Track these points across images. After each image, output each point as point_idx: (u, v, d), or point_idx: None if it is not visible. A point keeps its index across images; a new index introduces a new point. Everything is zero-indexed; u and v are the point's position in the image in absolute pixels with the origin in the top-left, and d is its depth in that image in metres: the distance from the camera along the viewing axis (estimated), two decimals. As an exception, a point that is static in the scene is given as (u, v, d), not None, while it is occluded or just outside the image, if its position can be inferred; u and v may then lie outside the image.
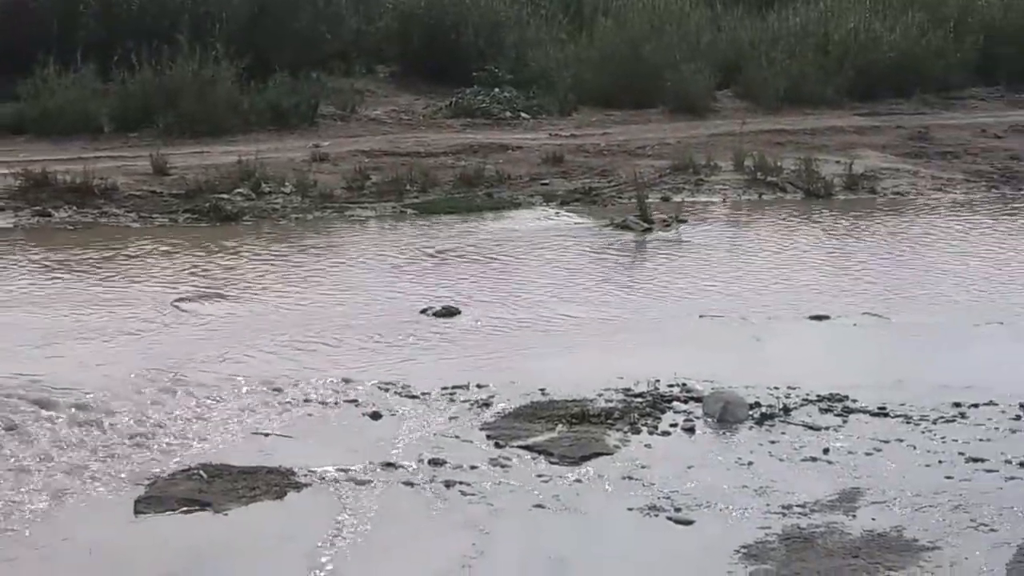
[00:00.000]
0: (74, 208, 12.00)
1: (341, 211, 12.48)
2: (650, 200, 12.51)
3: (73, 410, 6.80)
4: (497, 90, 17.58)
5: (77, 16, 16.89)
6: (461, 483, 6.11)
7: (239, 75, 15.45)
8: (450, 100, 17.39)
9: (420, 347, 8.25)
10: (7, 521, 5.52)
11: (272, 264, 10.39)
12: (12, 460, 6.14)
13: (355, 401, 7.18)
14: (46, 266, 10.08)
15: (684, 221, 12.11)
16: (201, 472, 6.08)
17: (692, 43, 18.49)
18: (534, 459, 6.45)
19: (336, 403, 7.17)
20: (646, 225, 11.87)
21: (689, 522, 5.81)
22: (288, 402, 7.13)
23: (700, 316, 9.10)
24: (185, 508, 5.74)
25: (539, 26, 19.55)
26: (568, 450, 6.56)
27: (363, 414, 7.01)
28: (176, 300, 9.13)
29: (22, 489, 5.83)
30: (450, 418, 6.96)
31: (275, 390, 7.28)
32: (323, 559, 5.32)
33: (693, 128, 16.54)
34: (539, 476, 6.25)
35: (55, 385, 7.16)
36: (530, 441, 6.65)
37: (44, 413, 6.75)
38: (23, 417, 6.67)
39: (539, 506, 5.93)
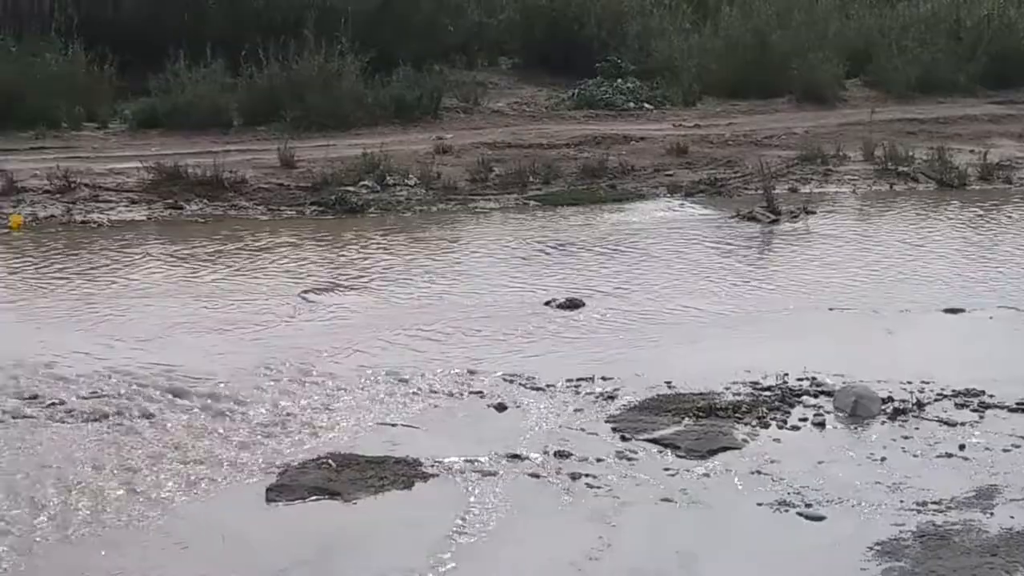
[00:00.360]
0: (205, 201, 12.22)
1: (464, 203, 12.53)
2: (777, 191, 12.35)
3: (206, 399, 6.92)
4: (620, 80, 17.50)
5: (206, 12, 17.24)
6: (587, 475, 6.07)
7: (364, 69, 15.61)
8: (573, 91, 17.36)
9: (544, 339, 8.23)
10: (143, 508, 5.63)
11: (397, 256, 10.46)
12: (148, 448, 6.26)
13: (480, 392, 7.19)
14: (179, 258, 10.28)
15: (812, 212, 11.92)
16: (330, 461, 6.14)
17: (820, 31, 18.21)
18: (660, 452, 6.39)
19: (461, 394, 7.18)
20: (773, 216, 11.71)
21: (820, 518, 5.70)
22: (414, 393, 7.16)
23: (830, 309, 8.94)
24: (315, 496, 5.80)
25: (663, 16, 19.43)
26: (695, 444, 6.48)
27: (488, 405, 7.02)
28: (303, 291, 9.25)
29: (157, 477, 5.94)
30: (575, 410, 6.93)
31: (401, 381, 7.32)
32: (451, 549, 5.33)
33: (821, 117, 16.28)
34: (666, 470, 6.18)
35: (188, 375, 7.29)
36: (656, 434, 6.59)
37: (178, 402, 6.88)
38: (158, 406, 6.81)
39: (666, 500, 5.87)
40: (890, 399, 7.02)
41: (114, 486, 5.81)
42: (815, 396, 7.13)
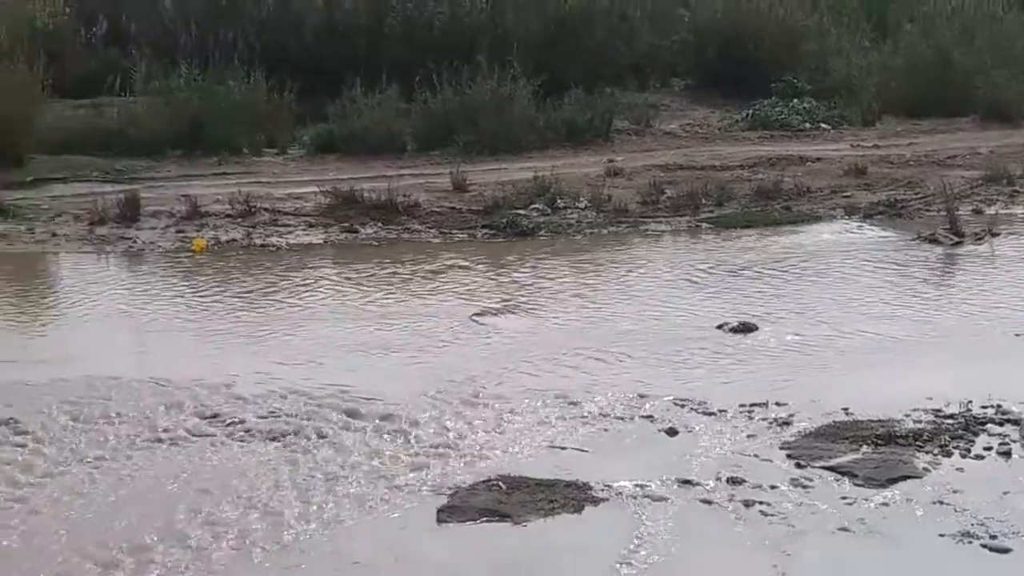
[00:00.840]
0: (379, 224, 12.41)
1: (635, 225, 12.46)
2: (960, 212, 11.94)
3: (378, 420, 7.00)
4: (796, 100, 17.23)
5: (382, 39, 17.59)
6: (761, 503, 5.94)
7: (535, 92, 15.69)
8: (746, 112, 17.16)
9: (716, 363, 8.10)
10: (318, 527, 5.71)
11: (568, 278, 10.45)
12: (323, 468, 6.36)
13: (651, 417, 7.11)
14: (354, 281, 10.46)
15: (997, 234, 11.50)
16: (500, 483, 6.14)
17: (1005, 48, 17.61)
18: (837, 480, 6.21)
19: (632, 418, 7.11)
20: (956, 238, 11.33)
21: (1006, 550, 5.47)
22: (584, 416, 7.12)
23: (1016, 334, 8.60)
24: (485, 518, 5.81)
25: (840, 34, 19.06)
26: (874, 472, 6.28)
27: (659, 430, 6.93)
28: (475, 314, 9.30)
29: (332, 496, 6.02)
30: (748, 436, 6.79)
31: (571, 404, 7.29)
32: (623, 574, 5.26)
33: (1007, 137, 15.73)
34: (843, 498, 6.01)
35: (362, 395, 7.39)
36: (833, 462, 6.41)
37: (352, 422, 6.97)
38: (332, 426, 6.91)
39: (844, 529, 5.70)
40: (1082, 429, 6.71)
41: (291, 505, 5.91)
42: (1000, 424, 6.85)
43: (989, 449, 6.56)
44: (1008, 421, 6.88)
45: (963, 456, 6.48)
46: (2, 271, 11.08)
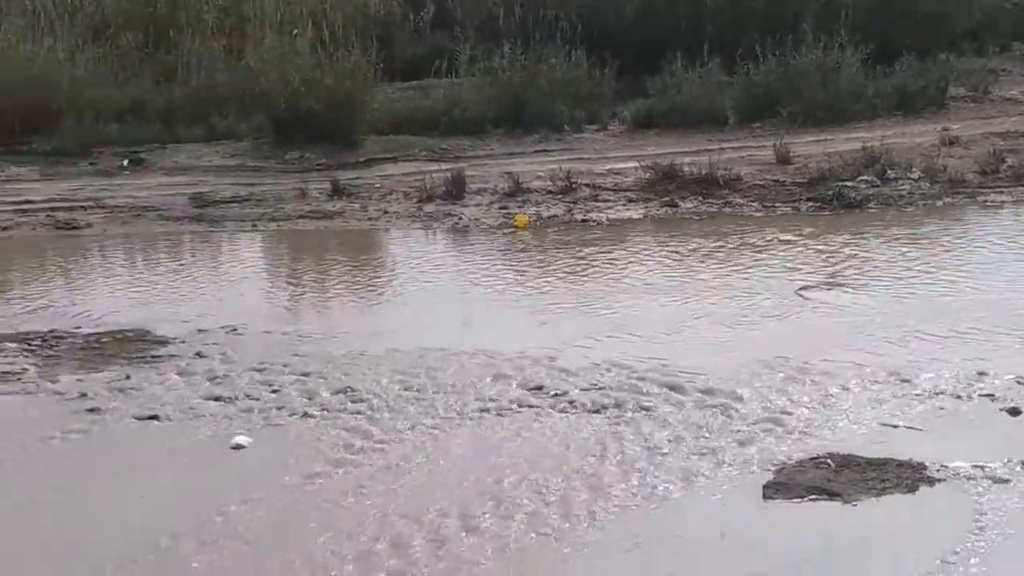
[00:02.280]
0: (699, 199, 12.28)
1: (973, 196, 11.85)
2: None
3: (701, 394, 6.90)
4: None
5: (703, 13, 17.41)
6: (1116, 489, 5.51)
7: (863, 61, 15.17)
8: (1095, 75, 16.04)
9: (1064, 340, 7.59)
10: (641, 499, 5.68)
11: (898, 252, 10.03)
12: (645, 441, 6.32)
13: (991, 395, 6.72)
14: (674, 255, 10.38)
15: None
16: (828, 461, 5.94)
17: None
18: None
19: (969, 396, 6.74)
20: None
21: None
22: (917, 394, 6.80)
23: None
24: (813, 496, 5.62)
25: None
26: None
27: (1000, 409, 6.54)
28: (800, 288, 9.05)
29: (655, 469, 5.97)
30: (1103, 417, 6.32)
31: (903, 381, 6.98)
32: (961, 558, 4.98)
33: None
34: None
35: (683, 370, 7.31)
36: None
37: (674, 396, 6.90)
38: (654, 400, 6.86)
39: None
40: None
41: (613, 476, 5.90)
42: None
43: None
44: None
45: None
46: (338, 247, 11.61)
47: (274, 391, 7.25)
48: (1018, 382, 6.85)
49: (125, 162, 14.86)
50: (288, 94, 15.08)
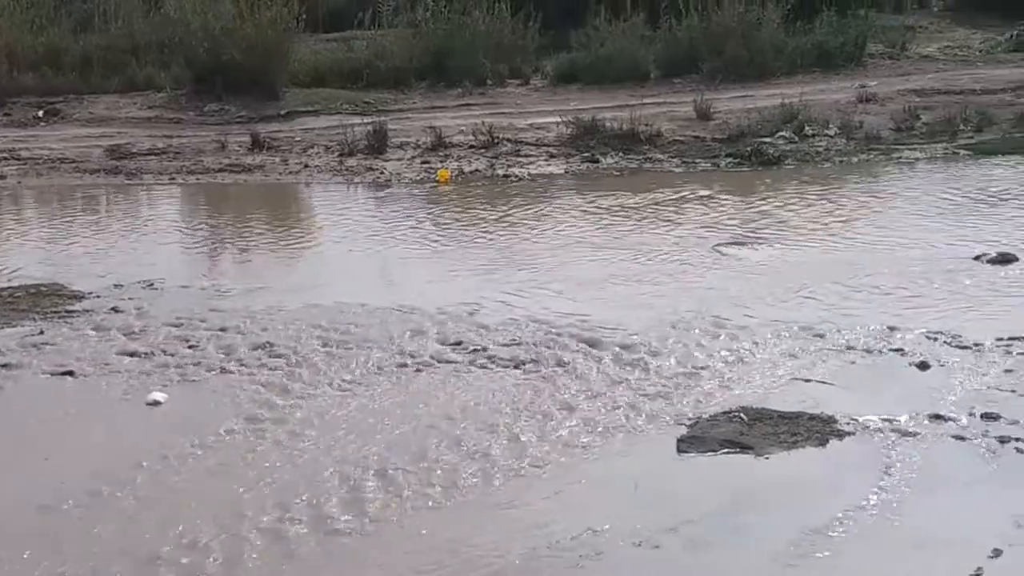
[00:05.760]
0: (620, 154, 12.35)
1: (887, 153, 12.02)
2: None
3: (619, 349, 6.96)
4: (1067, 18, 16.26)
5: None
6: (1017, 440, 5.65)
7: (785, 17, 15.26)
8: (1011, 33, 16.27)
9: (972, 295, 7.75)
10: (558, 454, 5.73)
11: (814, 208, 10.17)
12: (562, 395, 6.37)
13: (901, 350, 6.85)
14: (594, 211, 10.44)
15: None
16: (742, 415, 6.03)
17: None
18: (1104, 419, 5.85)
19: (880, 351, 6.87)
20: None
21: None
22: (830, 349, 6.92)
23: None
24: (726, 449, 5.72)
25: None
26: None
27: (909, 364, 6.67)
28: (717, 244, 9.15)
29: (572, 423, 6.03)
30: (1005, 371, 6.47)
31: (816, 336, 7.09)
32: (869, 508, 5.10)
33: None
34: (1110, 438, 5.66)
35: (602, 325, 7.37)
36: (1099, 400, 6.05)
37: (592, 351, 6.96)
38: (573, 354, 6.91)
39: (1108, 470, 5.38)
40: None
41: (530, 431, 5.95)
42: None
43: None
44: None
45: None
46: (258, 201, 11.52)
47: (191, 346, 7.21)
48: (927, 337, 7.00)
49: (40, 113, 14.61)
50: (208, 44, 14.88)
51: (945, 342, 6.90)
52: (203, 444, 5.85)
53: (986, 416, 5.91)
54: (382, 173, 12.08)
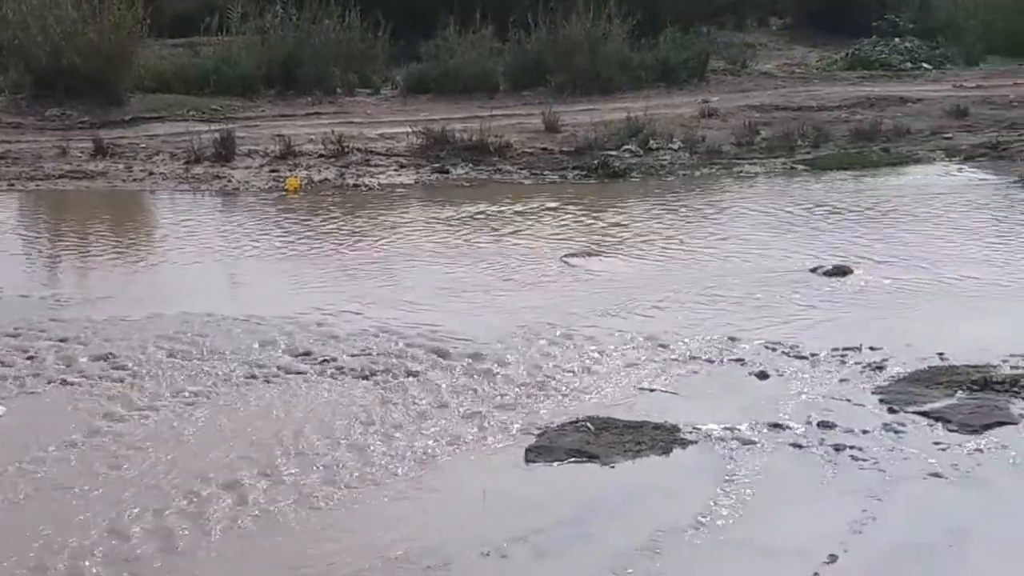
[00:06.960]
0: (470, 165, 12.42)
1: (729, 167, 12.32)
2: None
3: (468, 360, 7.01)
4: (897, 40, 16.88)
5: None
6: (852, 447, 5.86)
7: (630, 32, 15.53)
8: (846, 52, 16.86)
9: (809, 306, 8.00)
10: (407, 466, 5.75)
11: (659, 220, 10.37)
12: (413, 406, 6.39)
13: (741, 360, 7.04)
14: (444, 222, 10.48)
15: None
16: (588, 424, 6.13)
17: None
18: (931, 426, 6.10)
19: (721, 361, 7.05)
20: (1059, 181, 11.06)
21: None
22: (673, 359, 7.07)
23: (1121, 280, 8.38)
24: (573, 459, 5.80)
25: (945, -28, 18.61)
26: (968, 418, 6.16)
27: (749, 373, 6.86)
28: (565, 256, 9.27)
29: (421, 433, 6.05)
30: (840, 380, 6.70)
31: (660, 346, 7.24)
32: (711, 516, 5.23)
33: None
34: (936, 444, 5.90)
35: (451, 335, 7.41)
36: (927, 407, 6.30)
37: (442, 362, 6.99)
38: (422, 365, 6.94)
39: (936, 475, 5.60)
40: None
41: (379, 441, 5.95)
42: (1103, 372, 6.68)
43: (1090, 397, 6.40)
44: (1111, 369, 6.70)
45: (1062, 404, 6.34)
46: (101, 209, 11.28)
47: (30, 357, 7.03)
48: (767, 347, 7.20)
49: None
50: (48, 48, 14.51)
51: (783, 352, 7.11)
52: (40, 458, 5.71)
53: (822, 424, 6.11)
54: (230, 181, 11.94)
